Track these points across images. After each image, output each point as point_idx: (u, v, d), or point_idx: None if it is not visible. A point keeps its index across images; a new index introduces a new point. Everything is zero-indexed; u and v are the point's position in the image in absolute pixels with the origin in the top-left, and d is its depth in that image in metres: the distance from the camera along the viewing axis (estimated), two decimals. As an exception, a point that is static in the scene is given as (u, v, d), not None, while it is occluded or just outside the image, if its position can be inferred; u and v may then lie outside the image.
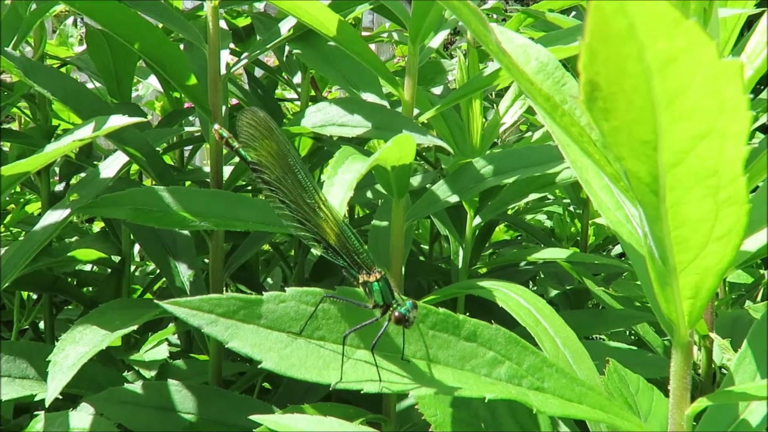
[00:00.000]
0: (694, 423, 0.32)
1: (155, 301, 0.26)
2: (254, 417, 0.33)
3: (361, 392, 0.25)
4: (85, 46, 0.78)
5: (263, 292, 0.26)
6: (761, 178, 0.30)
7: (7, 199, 0.95)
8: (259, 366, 0.24)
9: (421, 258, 0.95)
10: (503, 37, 0.27)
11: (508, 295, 0.43)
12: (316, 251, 0.31)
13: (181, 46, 0.70)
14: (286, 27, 0.58)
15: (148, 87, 1.09)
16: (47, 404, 0.41)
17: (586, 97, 0.15)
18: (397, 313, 0.27)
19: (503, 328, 0.28)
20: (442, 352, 0.27)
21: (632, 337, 0.82)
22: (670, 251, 0.21)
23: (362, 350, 0.27)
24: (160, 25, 0.61)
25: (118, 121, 0.37)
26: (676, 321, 0.26)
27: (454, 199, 0.52)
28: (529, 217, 1.20)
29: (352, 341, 0.27)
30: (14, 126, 1.11)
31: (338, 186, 0.35)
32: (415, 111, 0.55)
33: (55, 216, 0.53)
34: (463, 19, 0.26)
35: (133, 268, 0.99)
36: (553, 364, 0.28)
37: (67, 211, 0.53)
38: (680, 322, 0.26)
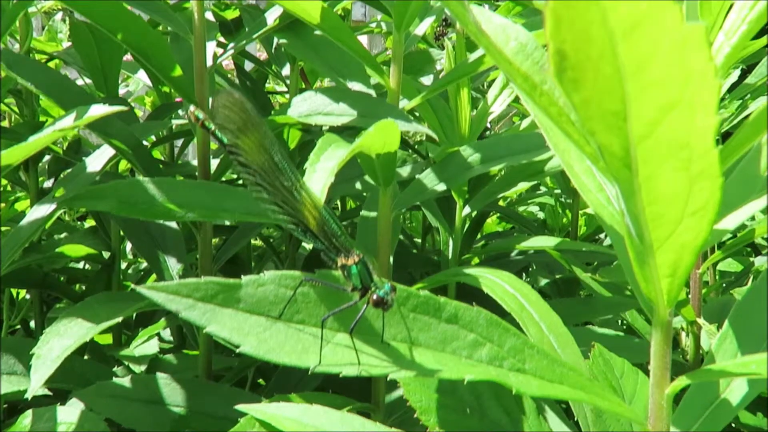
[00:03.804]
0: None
1: (133, 286, 0.26)
2: (240, 406, 0.33)
3: (340, 376, 0.25)
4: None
5: (242, 276, 0.26)
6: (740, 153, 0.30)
7: (-2, 195, 0.95)
8: (237, 350, 0.24)
9: (414, 251, 0.95)
10: (482, 18, 0.27)
11: (494, 281, 0.43)
12: (295, 234, 0.31)
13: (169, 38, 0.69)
14: (272, 17, 0.57)
15: (138, 82, 1.08)
16: (29, 396, 0.41)
17: (555, 68, 0.15)
18: (375, 296, 0.27)
19: (485, 310, 0.28)
20: (423, 334, 0.27)
21: (623, 326, 0.83)
22: (646, 228, 0.21)
23: (342, 333, 0.27)
24: (146, 17, 0.61)
25: (99, 110, 0.37)
26: (655, 300, 0.26)
27: (441, 187, 0.52)
28: (521, 208, 1.20)
29: (331, 325, 0.27)
30: (5, 123, 1.11)
31: (320, 172, 0.34)
32: (404, 101, 0.55)
33: (41, 211, 0.53)
34: None
35: (125, 265, 0.99)
36: (534, 346, 0.28)
37: (53, 206, 0.52)
38: (659, 301, 0.26)
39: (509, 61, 0.24)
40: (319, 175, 0.34)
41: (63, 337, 0.43)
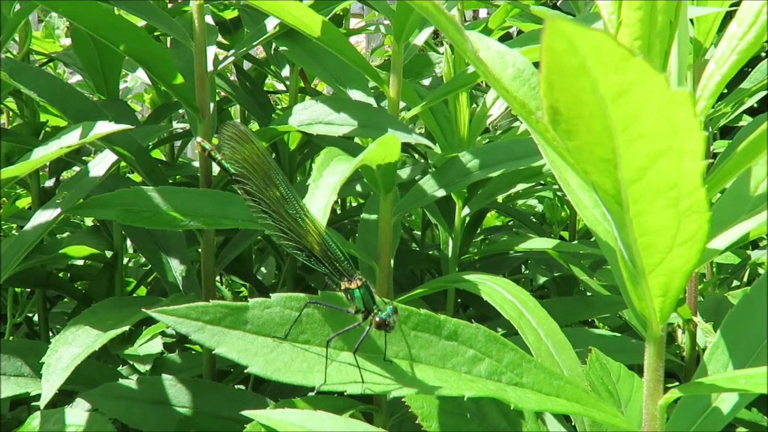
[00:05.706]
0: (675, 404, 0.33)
1: (145, 309, 0.26)
2: (246, 412, 0.34)
3: (344, 393, 0.26)
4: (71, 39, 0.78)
5: (249, 299, 0.27)
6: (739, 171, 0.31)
7: (-1, 193, 0.95)
8: (245, 371, 0.25)
9: (414, 245, 0.95)
10: (481, 45, 0.27)
11: (493, 288, 0.43)
12: (300, 259, 0.32)
13: (169, 41, 0.70)
14: (272, 24, 0.58)
15: (136, 79, 1.08)
16: (42, 406, 0.42)
17: (549, 119, 0.16)
18: (377, 319, 0.28)
19: (483, 326, 0.29)
20: (424, 351, 0.28)
21: (622, 320, 0.83)
22: (638, 255, 0.22)
23: (346, 352, 0.28)
24: (144, 23, 0.61)
25: (104, 128, 0.37)
26: (649, 317, 0.27)
27: (441, 193, 0.52)
28: (521, 202, 1.21)
29: (335, 344, 0.28)
30: (2, 119, 1.11)
31: (323, 189, 0.35)
32: (403, 104, 0.56)
33: (45, 215, 0.53)
34: (440, 27, 0.27)
35: (126, 260, 1.00)
36: (531, 360, 0.29)
37: (57, 211, 0.53)
38: (652, 318, 0.27)
39: (506, 88, 0.24)
40: (321, 193, 0.35)
41: (71, 346, 0.44)
